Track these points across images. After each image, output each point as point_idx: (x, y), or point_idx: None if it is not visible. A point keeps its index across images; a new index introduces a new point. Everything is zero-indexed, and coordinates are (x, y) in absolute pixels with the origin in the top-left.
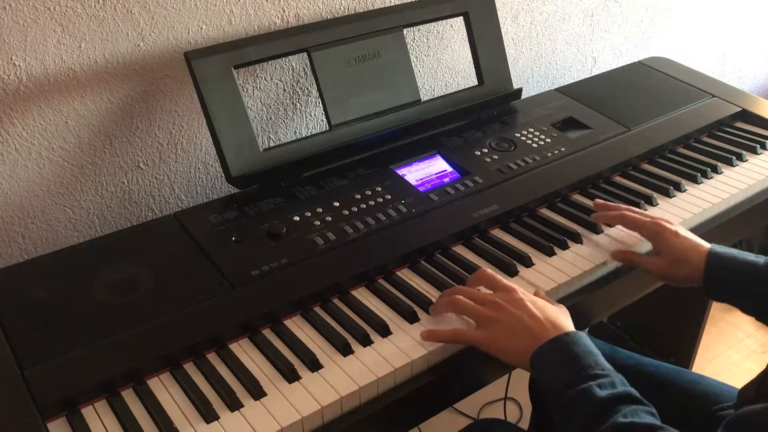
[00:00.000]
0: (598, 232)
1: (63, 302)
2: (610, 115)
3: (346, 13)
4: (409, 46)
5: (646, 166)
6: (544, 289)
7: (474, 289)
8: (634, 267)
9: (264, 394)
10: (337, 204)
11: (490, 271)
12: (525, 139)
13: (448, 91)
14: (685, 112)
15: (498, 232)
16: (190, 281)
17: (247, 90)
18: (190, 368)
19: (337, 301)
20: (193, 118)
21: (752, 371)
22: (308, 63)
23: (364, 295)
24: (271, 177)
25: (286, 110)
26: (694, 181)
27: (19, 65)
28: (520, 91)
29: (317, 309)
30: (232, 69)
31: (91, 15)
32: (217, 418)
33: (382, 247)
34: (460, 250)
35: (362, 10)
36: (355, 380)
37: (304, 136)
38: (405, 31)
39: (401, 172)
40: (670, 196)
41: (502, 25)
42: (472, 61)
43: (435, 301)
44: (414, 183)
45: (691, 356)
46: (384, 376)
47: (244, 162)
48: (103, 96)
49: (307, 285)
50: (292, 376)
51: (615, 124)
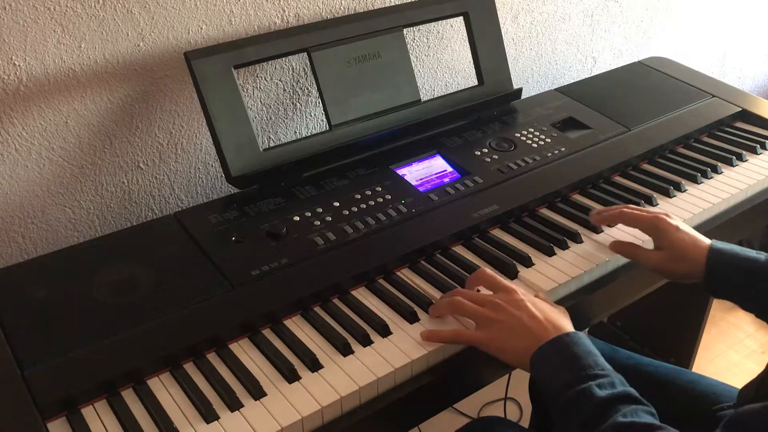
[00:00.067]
0: (598, 232)
1: (63, 302)
2: (610, 115)
3: (346, 13)
4: (409, 46)
5: (646, 166)
6: (545, 290)
7: (474, 291)
8: (634, 261)
9: (264, 394)
10: (337, 204)
11: (490, 271)
12: (525, 139)
13: (448, 91)
14: (685, 112)
15: (498, 232)
16: (190, 281)
17: (247, 90)
18: (190, 368)
19: (337, 301)
20: (193, 118)
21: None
22: (308, 63)
23: (364, 295)
24: (271, 177)
25: (286, 110)
26: (694, 181)
27: (19, 65)
28: (520, 91)
29: (317, 309)
30: (232, 69)
31: (91, 15)
32: (217, 418)
33: (382, 247)
34: (460, 250)
35: (362, 10)
36: (355, 380)
37: (304, 136)
38: (405, 31)
39: (401, 172)
40: (670, 196)
41: (502, 25)
42: (472, 61)
43: (435, 303)
44: (414, 183)
45: (691, 356)
46: (384, 376)
47: (244, 162)
48: (103, 96)
49: (307, 285)
50: (292, 376)
51: (615, 124)
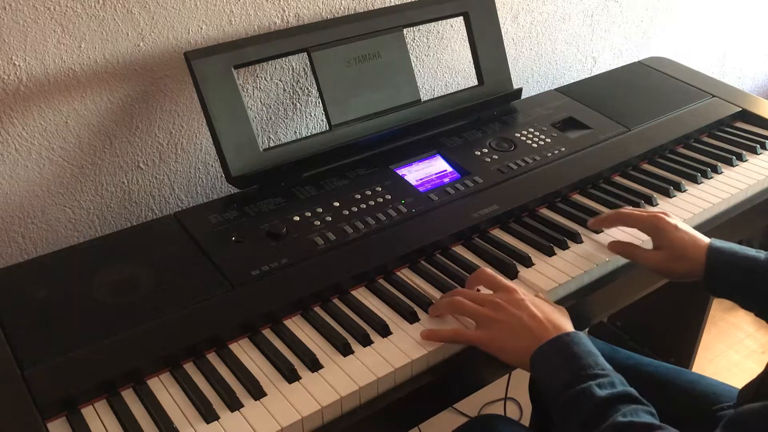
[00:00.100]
0: (598, 232)
1: (63, 302)
2: (610, 115)
3: (346, 13)
4: (409, 46)
5: (646, 166)
6: (545, 290)
7: (474, 290)
8: (633, 261)
9: (264, 394)
10: (337, 204)
11: (490, 270)
12: (525, 139)
13: (448, 91)
14: (685, 112)
15: (498, 232)
16: (190, 281)
17: (247, 90)
18: (190, 368)
19: (337, 301)
20: (193, 118)
21: (752, 371)
22: (308, 63)
23: (364, 295)
24: (271, 177)
25: (286, 110)
26: (694, 181)
27: (19, 65)
28: (520, 91)
29: (317, 309)
30: (232, 69)
31: (91, 15)
32: (217, 418)
33: (382, 247)
34: (460, 250)
35: (362, 10)
36: (355, 380)
37: (304, 136)
38: (405, 31)
39: (401, 172)
40: (670, 196)
41: (502, 25)
42: (472, 61)
43: (435, 303)
44: (414, 183)
45: (691, 356)
46: (384, 376)
47: (244, 162)
48: (103, 96)
49: (307, 285)
50: (292, 376)
51: (615, 124)
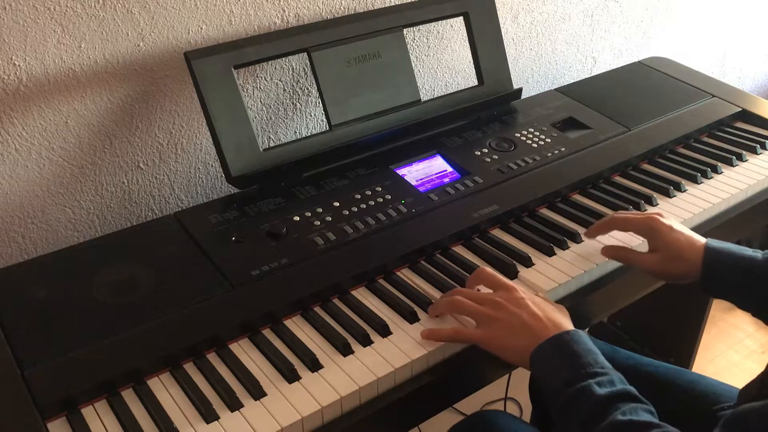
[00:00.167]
0: None
1: (63, 302)
2: (610, 115)
3: (346, 13)
4: (409, 46)
5: (646, 166)
6: (545, 290)
7: (473, 289)
8: (629, 264)
9: (264, 394)
10: (337, 204)
11: (490, 269)
12: (525, 139)
13: (448, 91)
14: (685, 112)
15: (498, 232)
16: (190, 281)
17: (247, 90)
18: (190, 368)
19: (337, 301)
20: (193, 118)
21: (752, 371)
22: (308, 63)
23: (364, 295)
24: (271, 177)
25: (286, 110)
26: (694, 181)
27: (19, 65)
28: (520, 91)
29: (317, 309)
30: (232, 69)
31: (91, 15)
32: (217, 418)
33: (382, 247)
34: (460, 250)
35: (362, 10)
36: (355, 380)
37: (304, 136)
38: (405, 31)
39: (401, 172)
40: (670, 196)
41: (502, 25)
42: (472, 61)
43: (434, 302)
44: (414, 183)
45: (691, 356)
46: (384, 376)
47: (244, 162)
48: (103, 96)
49: (307, 285)
50: (292, 376)
51: (615, 124)
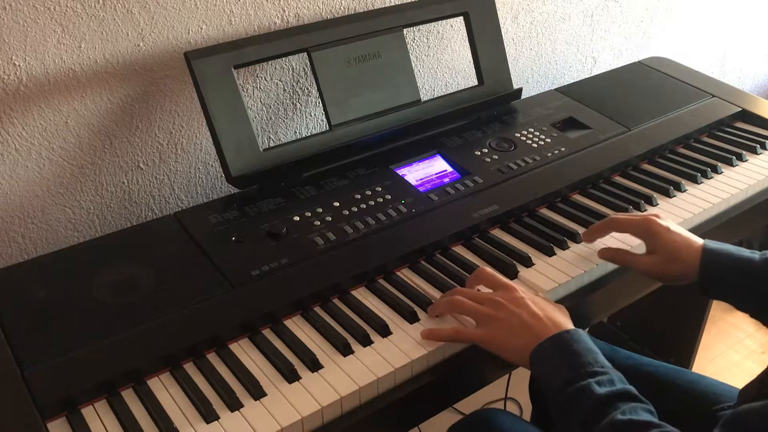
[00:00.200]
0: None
1: (63, 302)
2: (610, 115)
3: (346, 13)
4: (409, 46)
5: (646, 166)
6: (545, 290)
7: (473, 289)
8: (626, 266)
9: (264, 394)
10: (337, 204)
11: (490, 269)
12: (525, 139)
13: (448, 91)
14: (685, 112)
15: (498, 232)
16: (190, 281)
17: (247, 90)
18: (190, 368)
19: (337, 301)
20: (193, 118)
21: (752, 371)
22: (308, 63)
23: (364, 295)
24: (271, 177)
25: (286, 110)
26: (694, 181)
27: (19, 65)
28: (520, 91)
29: (317, 309)
30: (232, 69)
31: (91, 15)
32: (217, 418)
33: (382, 247)
34: (460, 250)
35: (362, 10)
36: (355, 380)
37: (304, 136)
38: (405, 31)
39: (401, 172)
40: (670, 196)
41: (502, 25)
42: (472, 61)
43: (434, 302)
44: (414, 183)
45: (691, 356)
46: (384, 376)
47: (244, 162)
48: (103, 96)
49: (307, 285)
50: (292, 376)
51: (615, 124)
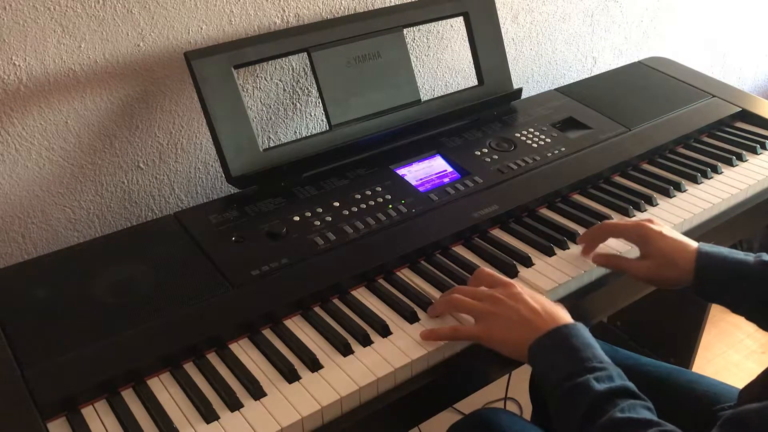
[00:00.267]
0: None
1: (63, 302)
2: (610, 115)
3: (346, 13)
4: (409, 46)
5: (646, 166)
6: (545, 290)
7: (471, 288)
8: (621, 272)
9: (264, 394)
10: (337, 204)
11: (488, 269)
12: (525, 139)
13: (448, 91)
14: (685, 112)
15: (498, 232)
16: (190, 281)
17: (247, 90)
18: (190, 368)
19: (337, 301)
20: (193, 118)
21: (752, 371)
22: (308, 63)
23: (364, 295)
24: (271, 177)
25: (286, 110)
26: (694, 181)
27: (19, 65)
28: (520, 91)
29: (317, 309)
30: (232, 69)
31: (91, 15)
32: (217, 418)
33: (382, 247)
34: (460, 250)
35: (362, 10)
36: (355, 380)
37: (304, 136)
38: (405, 31)
39: (401, 172)
40: (670, 196)
41: (502, 25)
42: (472, 61)
43: (434, 302)
44: (414, 183)
45: (691, 356)
46: (384, 376)
47: (244, 162)
48: (103, 96)
49: (307, 285)
50: (292, 376)
51: (615, 124)
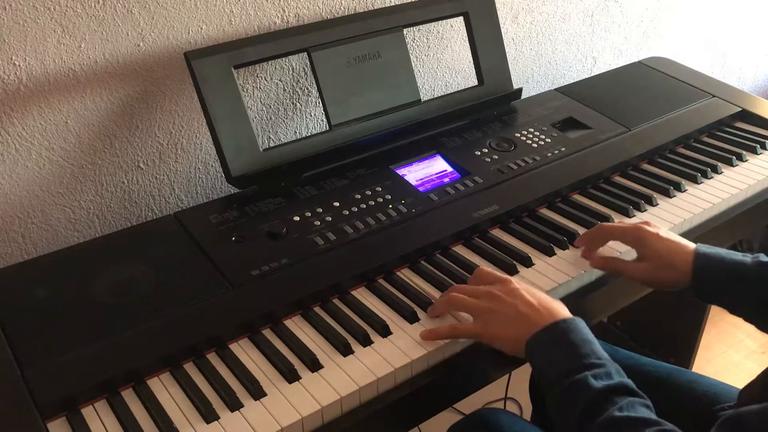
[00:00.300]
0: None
1: (63, 302)
2: (610, 115)
3: (346, 13)
4: (409, 46)
5: (646, 166)
6: (545, 290)
7: (469, 286)
8: (618, 274)
9: (264, 394)
10: (337, 204)
11: (486, 268)
12: (525, 139)
13: (448, 91)
14: (685, 112)
15: (498, 232)
16: (190, 281)
17: (247, 90)
18: (190, 368)
19: (337, 301)
20: (193, 118)
21: (752, 371)
22: (308, 63)
23: (364, 295)
24: (271, 177)
25: (286, 110)
26: (694, 181)
27: (19, 65)
28: (520, 91)
29: (317, 309)
30: (232, 69)
31: (91, 15)
32: (217, 418)
33: (382, 247)
34: (460, 250)
35: (362, 10)
36: (355, 380)
37: (304, 136)
38: (405, 31)
39: (401, 172)
40: (670, 196)
41: (502, 25)
42: (472, 61)
43: (433, 303)
44: (414, 183)
45: (691, 356)
46: (384, 376)
47: (244, 162)
48: (103, 96)
49: (307, 285)
50: (292, 376)
51: (615, 124)
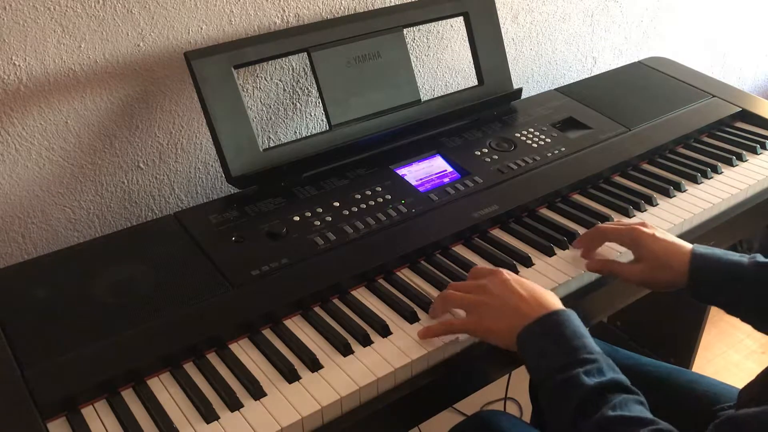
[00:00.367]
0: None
1: (63, 302)
2: (610, 115)
3: (346, 13)
4: (409, 46)
5: (646, 166)
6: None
7: (463, 282)
8: (615, 276)
9: (264, 394)
10: (337, 204)
11: (481, 265)
12: (525, 139)
13: (448, 91)
14: (685, 112)
15: (498, 232)
16: (190, 281)
17: (247, 90)
18: (190, 368)
19: (337, 301)
20: (193, 118)
21: (752, 371)
22: (308, 63)
23: (364, 295)
24: (271, 177)
25: (286, 110)
26: (694, 181)
27: (19, 65)
28: (520, 91)
29: (317, 309)
30: (232, 69)
31: (91, 15)
32: (217, 418)
33: (382, 247)
34: (460, 250)
35: (362, 10)
36: (355, 380)
37: (304, 136)
38: (405, 31)
39: (401, 172)
40: (670, 196)
41: (502, 25)
42: (472, 61)
43: (432, 303)
44: (414, 183)
45: (691, 356)
46: (384, 376)
47: (244, 162)
48: (103, 96)
49: (307, 285)
50: (292, 376)
51: (615, 124)
